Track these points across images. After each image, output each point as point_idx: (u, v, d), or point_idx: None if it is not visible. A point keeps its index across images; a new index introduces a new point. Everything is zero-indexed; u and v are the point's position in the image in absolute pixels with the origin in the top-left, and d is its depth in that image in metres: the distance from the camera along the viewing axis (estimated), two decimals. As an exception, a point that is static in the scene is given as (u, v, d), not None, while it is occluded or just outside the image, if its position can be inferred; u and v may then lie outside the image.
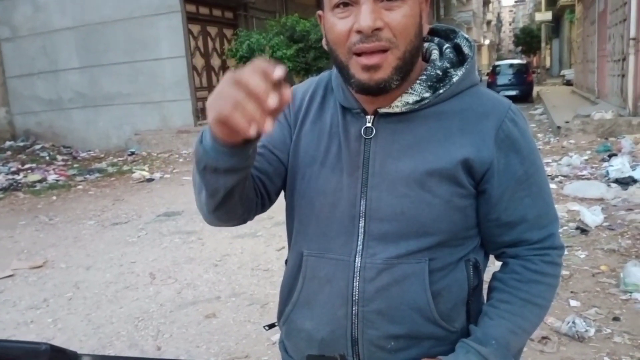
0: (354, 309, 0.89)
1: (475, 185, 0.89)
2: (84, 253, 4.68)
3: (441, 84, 0.88)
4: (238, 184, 0.82)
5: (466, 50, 0.93)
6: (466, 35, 0.95)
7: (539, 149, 8.16)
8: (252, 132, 0.64)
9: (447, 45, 0.93)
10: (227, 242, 4.68)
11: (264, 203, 0.97)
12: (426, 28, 0.88)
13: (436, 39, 0.96)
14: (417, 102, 0.87)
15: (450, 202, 0.87)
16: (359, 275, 0.89)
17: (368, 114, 0.91)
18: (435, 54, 0.92)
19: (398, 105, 0.87)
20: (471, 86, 0.91)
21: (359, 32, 0.80)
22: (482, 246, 0.97)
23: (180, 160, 9.65)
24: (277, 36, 10.73)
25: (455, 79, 0.88)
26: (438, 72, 0.88)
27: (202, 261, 4.27)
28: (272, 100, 0.62)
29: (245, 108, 0.63)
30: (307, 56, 11.03)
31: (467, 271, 0.92)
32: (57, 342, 3.04)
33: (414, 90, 0.87)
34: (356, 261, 0.89)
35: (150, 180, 7.99)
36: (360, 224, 0.89)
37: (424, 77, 0.88)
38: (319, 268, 0.92)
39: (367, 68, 0.82)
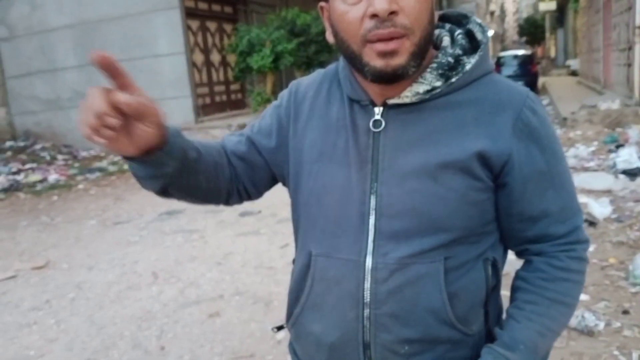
0: (365, 311, 0.85)
1: (493, 178, 0.85)
2: (86, 253, 4.64)
3: (453, 72, 0.84)
4: (172, 183, 0.85)
5: (479, 36, 0.88)
6: (479, 20, 0.90)
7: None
8: (102, 143, 0.71)
9: (459, 31, 0.88)
10: (230, 240, 4.64)
11: (248, 192, 1.00)
12: (436, 14, 0.84)
13: (447, 25, 0.91)
14: (428, 91, 0.83)
15: (465, 196, 0.82)
16: (370, 276, 0.84)
17: (377, 106, 0.87)
18: (446, 40, 0.87)
19: (408, 95, 0.83)
20: (485, 74, 0.87)
21: (373, 16, 0.77)
22: (501, 243, 0.92)
23: (182, 157, 9.61)
24: (278, 30, 10.64)
25: (468, 66, 0.84)
26: (450, 59, 0.84)
27: (205, 260, 4.23)
28: (109, 119, 0.69)
29: (90, 125, 0.70)
30: (309, 50, 10.95)
31: (485, 270, 0.87)
32: (61, 344, 3.02)
33: (425, 79, 0.83)
34: (367, 261, 0.85)
35: (151, 178, 7.95)
36: (370, 222, 0.85)
37: (435, 65, 0.83)
38: (327, 269, 0.89)
39: (384, 54, 0.78)
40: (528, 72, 18.29)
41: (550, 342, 0.90)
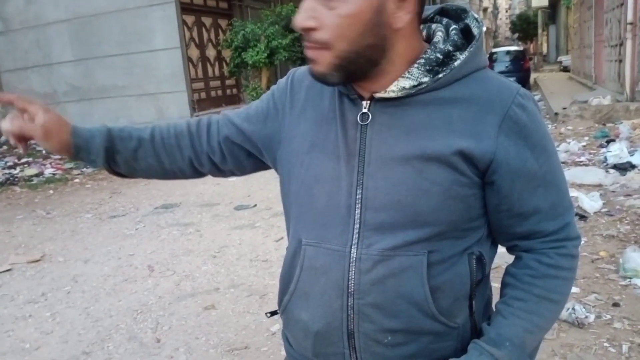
0: (349, 301, 0.87)
1: (480, 175, 0.85)
2: (82, 246, 4.66)
3: (442, 68, 0.84)
4: (114, 168, 1.03)
5: (475, 31, 0.88)
6: (476, 16, 0.90)
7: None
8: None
9: (454, 26, 0.88)
10: (226, 234, 4.67)
11: (219, 169, 1.07)
12: (400, 19, 0.80)
13: (445, 20, 0.91)
14: (414, 86, 0.83)
15: (450, 190, 0.83)
16: (355, 266, 0.86)
17: (365, 100, 0.87)
18: (439, 36, 0.87)
19: (394, 90, 0.84)
20: (476, 70, 0.86)
21: None
22: (489, 237, 0.92)
23: (177, 152, 9.61)
24: (273, 26, 10.64)
25: (457, 62, 0.83)
26: (438, 55, 0.84)
27: (201, 253, 4.26)
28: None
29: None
30: (303, 45, 10.94)
31: (469, 265, 0.87)
32: (56, 336, 3.04)
33: (411, 75, 0.83)
34: (352, 252, 0.86)
35: (147, 172, 7.96)
36: (356, 214, 0.86)
37: (423, 61, 0.83)
38: (316, 258, 0.90)
39: (309, 60, 0.84)
40: (520, 68, 18.35)
41: (538, 338, 0.91)
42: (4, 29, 10.90)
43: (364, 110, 0.87)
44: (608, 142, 6.84)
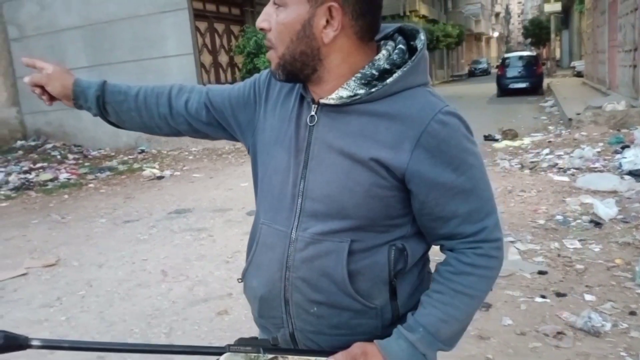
0: (287, 274, 1.01)
1: (398, 181, 0.95)
2: (96, 251, 4.70)
3: (378, 83, 0.95)
4: (105, 115, 1.22)
5: (418, 49, 0.97)
6: (423, 37, 1.00)
7: (550, 141, 8.12)
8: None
9: (400, 46, 0.98)
10: (238, 239, 4.69)
11: (195, 130, 1.20)
12: (327, 35, 0.92)
13: (399, 38, 1.00)
14: (350, 96, 0.95)
15: (369, 190, 0.95)
16: (293, 246, 1.00)
17: (315, 104, 1.00)
18: (382, 54, 0.97)
19: (334, 97, 0.96)
20: (409, 87, 0.96)
21: None
22: (418, 235, 1.03)
23: (190, 157, 9.68)
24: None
25: (389, 80, 0.94)
26: (374, 71, 0.95)
27: (213, 258, 4.28)
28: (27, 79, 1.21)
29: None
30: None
31: (389, 255, 0.99)
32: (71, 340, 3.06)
33: (349, 86, 0.95)
34: (292, 233, 1.01)
35: (160, 177, 8.02)
36: (298, 202, 1.00)
37: (359, 75, 0.95)
38: (267, 235, 1.05)
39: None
40: (533, 73, 18.24)
41: (454, 328, 1.00)
42: (19, 35, 11.07)
43: (312, 113, 1.00)
44: (623, 148, 6.77)
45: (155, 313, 3.35)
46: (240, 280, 1.17)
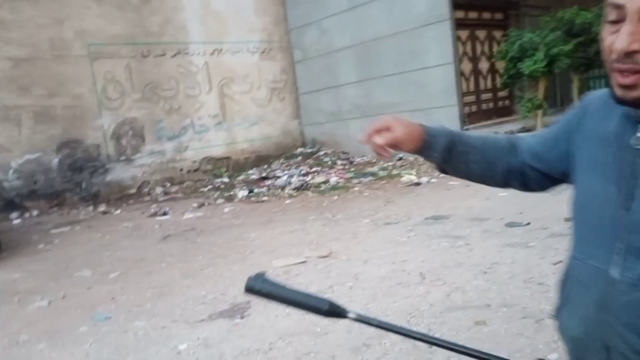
0: (606, 317, 0.92)
1: None
2: (361, 248, 5.17)
3: None
4: (444, 166, 1.21)
5: None
6: None
7: None
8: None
9: None
10: (496, 250, 4.55)
11: (525, 186, 1.20)
12: None
13: None
14: None
15: None
16: (613, 286, 0.90)
17: None
18: None
19: None
20: None
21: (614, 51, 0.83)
22: None
23: (446, 165, 9.76)
24: (553, 32, 9.87)
25: None
26: None
27: (471, 267, 4.25)
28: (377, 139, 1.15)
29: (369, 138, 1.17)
30: (589, 50, 9.84)
31: None
32: (341, 325, 3.44)
33: None
34: (612, 272, 0.90)
35: (417, 184, 8.32)
36: (620, 237, 0.89)
37: None
38: (581, 272, 0.98)
39: (622, 86, 0.84)
40: None
41: None
42: (303, 57, 12.88)
43: (639, 134, 0.88)
44: None
45: (415, 312, 3.52)
46: (554, 317, 1.12)
